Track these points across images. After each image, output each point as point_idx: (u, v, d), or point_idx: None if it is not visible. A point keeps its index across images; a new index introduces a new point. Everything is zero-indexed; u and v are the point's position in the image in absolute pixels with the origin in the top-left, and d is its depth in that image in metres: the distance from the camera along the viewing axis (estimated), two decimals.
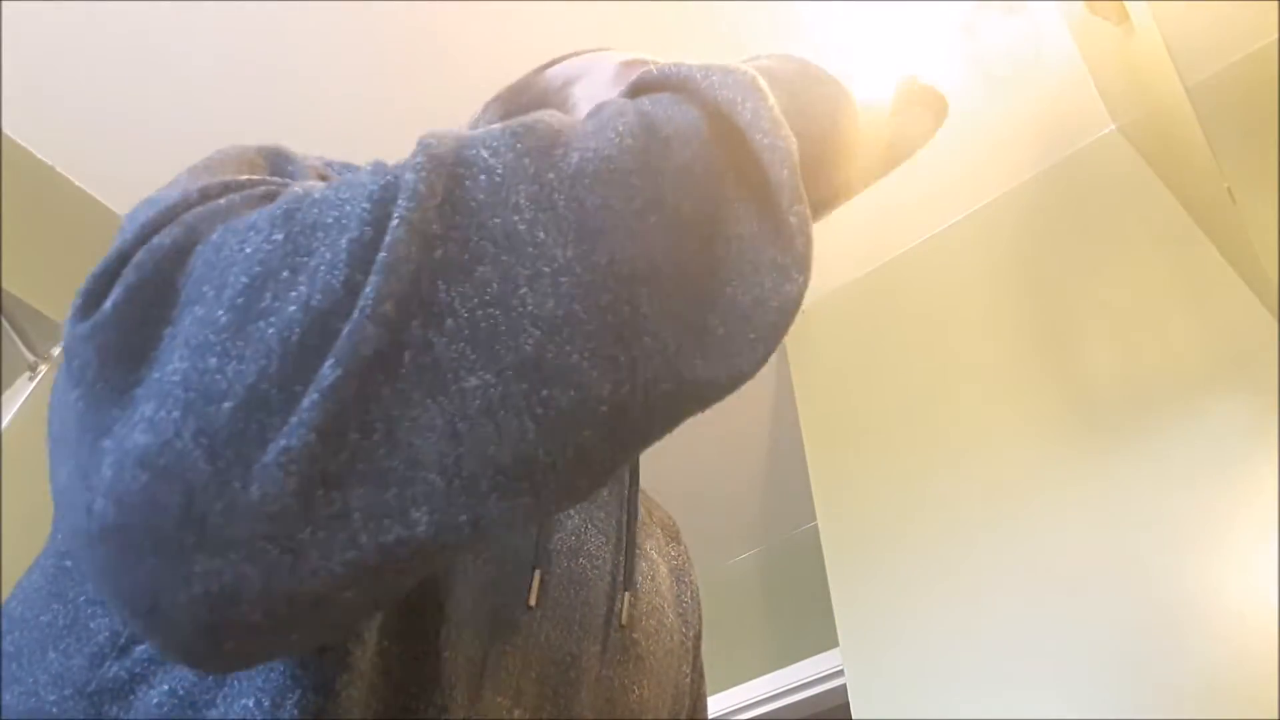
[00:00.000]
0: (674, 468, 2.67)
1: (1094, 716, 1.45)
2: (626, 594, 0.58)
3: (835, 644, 1.87)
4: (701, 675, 0.74)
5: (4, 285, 1.76)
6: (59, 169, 2.00)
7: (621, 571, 0.59)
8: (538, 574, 0.50)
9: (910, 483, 1.90)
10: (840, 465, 2.06)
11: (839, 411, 2.14)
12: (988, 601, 1.66)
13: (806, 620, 2.54)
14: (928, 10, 1.94)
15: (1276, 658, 1.31)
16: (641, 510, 0.67)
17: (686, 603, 0.72)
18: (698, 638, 0.73)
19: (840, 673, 2.13)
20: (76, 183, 2.02)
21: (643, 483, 0.83)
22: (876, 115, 0.56)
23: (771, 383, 2.47)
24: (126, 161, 1.99)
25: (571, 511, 0.56)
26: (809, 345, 2.30)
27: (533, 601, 0.49)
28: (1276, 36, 1.83)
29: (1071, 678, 1.50)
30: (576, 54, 0.75)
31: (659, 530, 0.73)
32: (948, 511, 1.80)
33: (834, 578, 1.90)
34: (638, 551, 0.61)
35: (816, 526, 2.01)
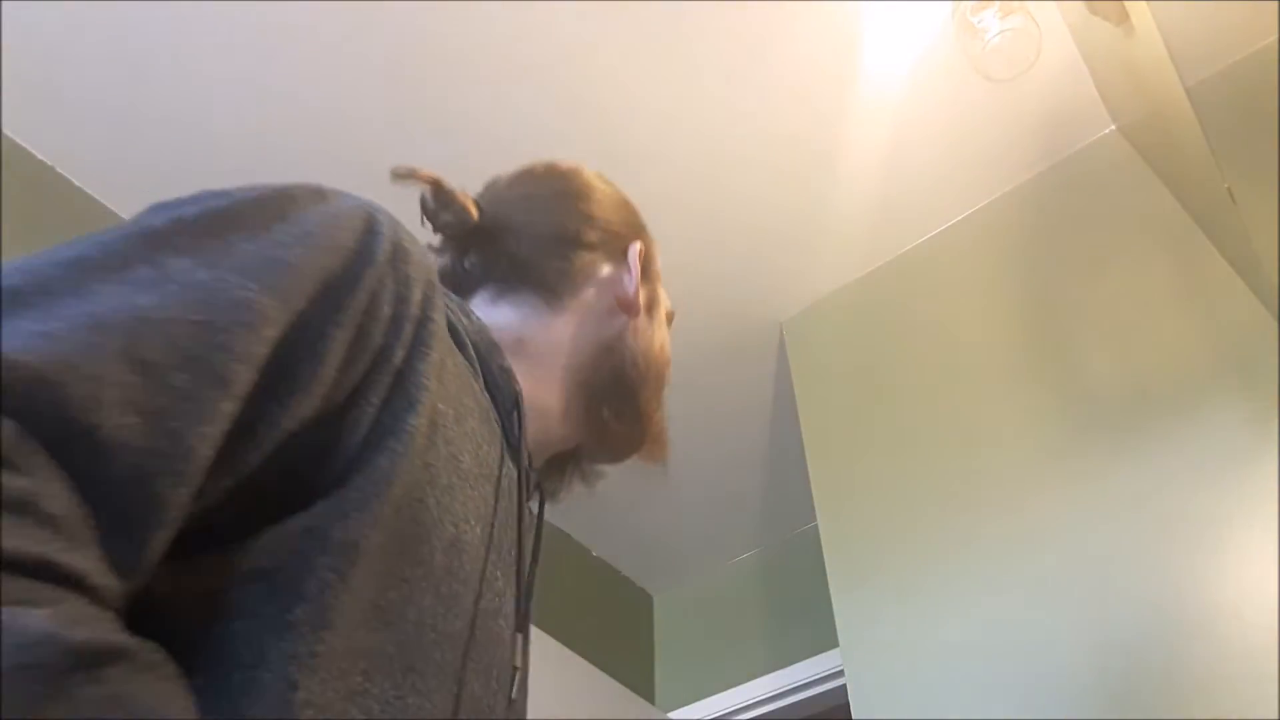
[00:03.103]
0: (674, 469, 2.66)
1: (1093, 716, 1.45)
2: (520, 636, 0.62)
3: (835, 644, 1.87)
4: None
5: None
6: (59, 169, 2.00)
7: (521, 628, 0.62)
8: (517, 674, 0.58)
9: (910, 483, 1.90)
10: (840, 465, 2.06)
11: (839, 412, 2.14)
12: (987, 601, 1.66)
13: (806, 620, 2.55)
14: (928, 10, 1.95)
15: (1276, 658, 1.31)
16: None
17: None
18: None
19: (840, 673, 2.13)
20: (76, 183, 2.02)
21: (643, 484, 0.88)
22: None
23: (771, 383, 2.47)
24: (126, 161, 1.99)
25: (498, 573, 0.59)
26: (809, 345, 2.30)
27: (514, 695, 0.56)
28: (1276, 36, 1.83)
29: (1071, 677, 1.50)
30: (635, 218, 0.84)
31: None
32: (947, 511, 1.80)
33: (834, 578, 1.90)
34: (531, 605, 0.65)
35: (816, 526, 2.01)
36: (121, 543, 0.35)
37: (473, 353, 0.63)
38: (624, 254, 0.78)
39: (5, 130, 1.91)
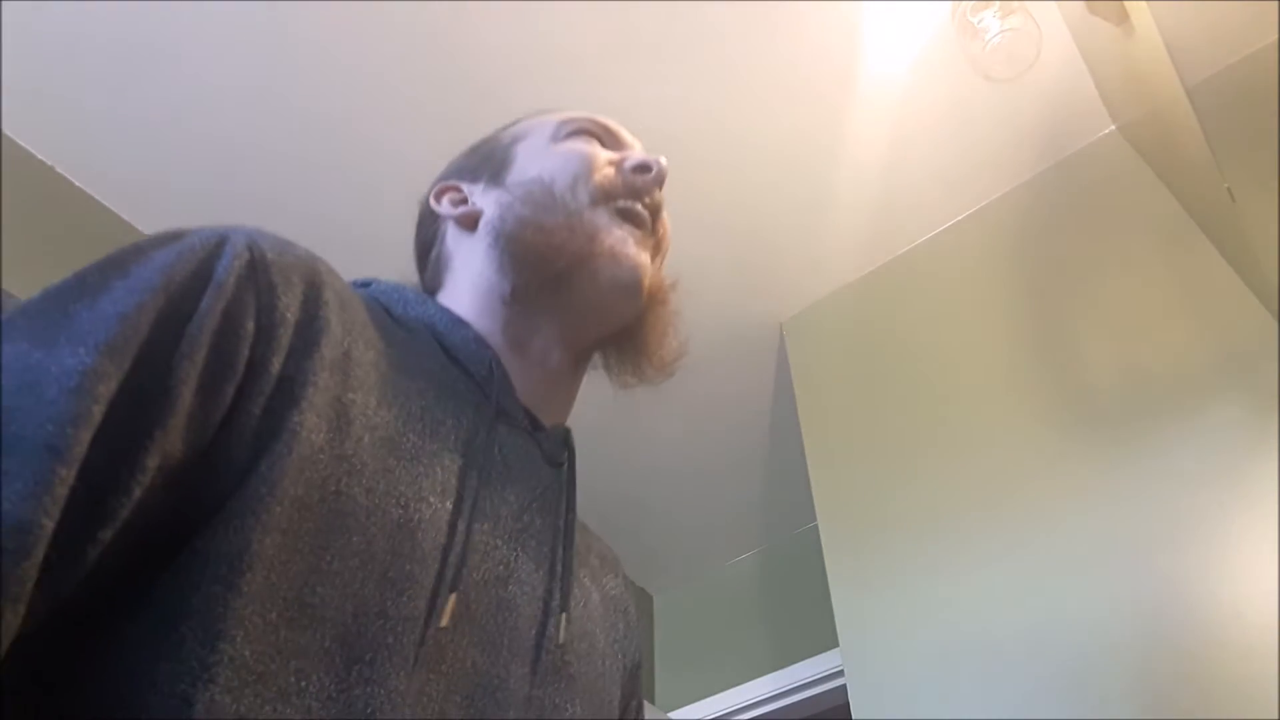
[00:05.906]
0: (674, 468, 2.67)
1: (1093, 716, 1.45)
2: (564, 615, 0.60)
3: (835, 644, 1.87)
4: (640, 704, 0.78)
5: (4, 285, 1.75)
6: (59, 169, 2.00)
7: (555, 596, 0.61)
8: (453, 598, 0.52)
9: (910, 483, 1.90)
10: (840, 465, 2.06)
11: (839, 412, 2.14)
12: (987, 602, 1.66)
13: (806, 620, 2.54)
14: (928, 10, 1.95)
15: (1276, 658, 1.31)
16: (579, 540, 0.69)
17: (621, 631, 0.74)
18: (636, 668, 0.77)
19: (840, 673, 2.13)
20: (76, 183, 2.02)
21: (642, 484, 0.87)
22: None
23: (771, 383, 2.47)
24: (126, 161, 1.99)
25: (499, 542, 0.58)
26: (809, 345, 2.30)
27: (445, 623, 0.51)
28: (1276, 36, 1.83)
29: (1071, 677, 1.50)
30: (533, 114, 0.82)
31: (596, 560, 0.76)
32: (948, 511, 1.81)
33: (834, 578, 1.90)
34: (572, 576, 0.64)
35: (816, 526, 2.01)
36: None
37: (428, 335, 0.65)
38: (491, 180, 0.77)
39: (5, 130, 1.91)
